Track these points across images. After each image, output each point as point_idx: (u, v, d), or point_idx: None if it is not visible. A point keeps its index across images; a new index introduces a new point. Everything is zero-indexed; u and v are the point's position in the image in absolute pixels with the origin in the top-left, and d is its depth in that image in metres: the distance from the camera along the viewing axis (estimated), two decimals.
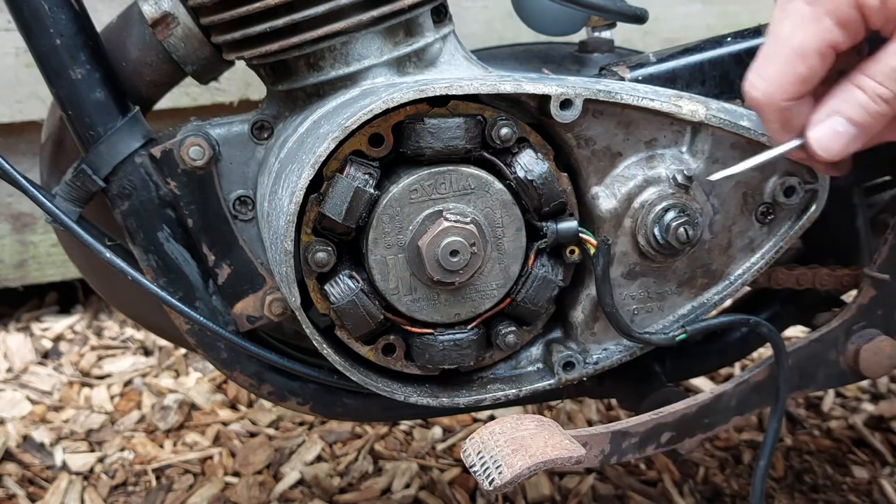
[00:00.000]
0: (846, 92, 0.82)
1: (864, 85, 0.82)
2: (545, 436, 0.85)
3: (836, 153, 0.83)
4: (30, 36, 0.99)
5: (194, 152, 1.01)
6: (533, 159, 0.94)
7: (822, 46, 0.81)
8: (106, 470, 1.64)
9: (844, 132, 0.83)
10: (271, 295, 1.06)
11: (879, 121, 0.83)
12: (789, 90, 0.83)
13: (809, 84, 0.83)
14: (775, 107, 0.84)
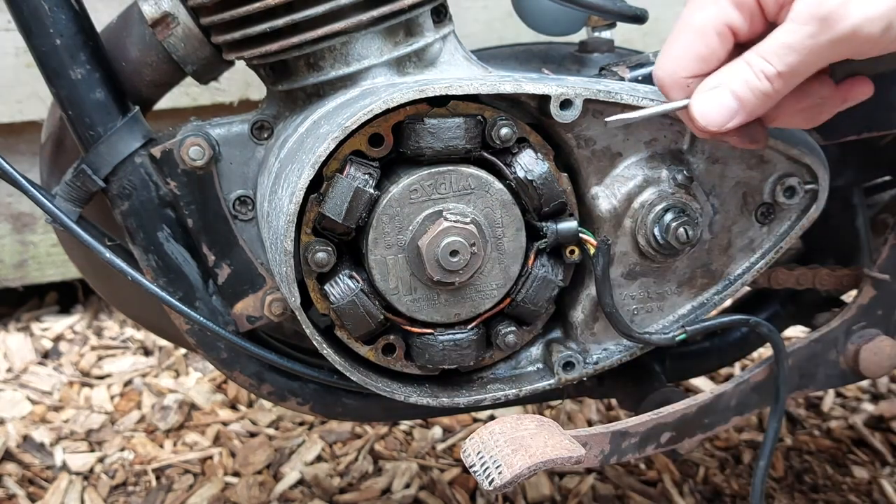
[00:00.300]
0: (735, 66, 0.85)
1: (752, 60, 0.84)
2: (545, 436, 0.85)
3: (713, 122, 0.85)
4: (30, 36, 0.99)
5: (194, 152, 1.01)
6: (533, 159, 0.94)
7: (719, 25, 0.84)
8: (106, 470, 1.64)
9: (726, 104, 0.85)
10: (271, 295, 1.06)
11: (761, 98, 0.85)
12: (689, 67, 0.86)
13: (709, 62, 0.86)
14: (678, 83, 0.87)
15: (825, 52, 0.82)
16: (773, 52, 0.83)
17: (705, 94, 0.86)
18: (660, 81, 0.89)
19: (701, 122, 0.85)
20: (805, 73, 0.84)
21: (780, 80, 0.84)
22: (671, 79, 0.88)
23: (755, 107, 0.85)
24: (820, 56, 0.82)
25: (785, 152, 1.00)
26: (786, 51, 0.82)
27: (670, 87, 0.88)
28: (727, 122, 0.85)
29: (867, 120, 1.10)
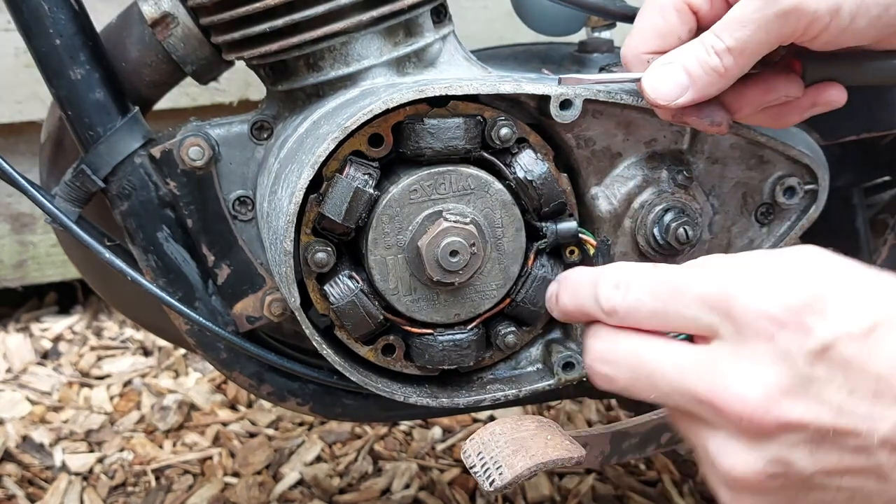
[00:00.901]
0: (690, 44, 0.87)
1: (704, 37, 0.86)
2: (545, 436, 0.85)
3: (662, 96, 0.87)
4: (29, 36, 0.99)
5: (194, 152, 1.01)
6: (533, 160, 0.94)
7: (678, 2, 0.88)
8: (105, 470, 1.64)
9: (676, 79, 0.86)
10: (271, 295, 1.06)
11: (712, 75, 0.86)
12: (649, 43, 0.89)
13: (667, 39, 0.89)
14: (638, 59, 0.90)
15: (773, 27, 0.83)
16: (724, 28, 0.85)
17: (657, 69, 0.87)
18: (624, 58, 0.92)
19: (651, 95, 0.87)
20: (755, 49, 0.85)
21: (729, 55, 0.85)
22: (633, 54, 0.90)
23: (705, 83, 0.86)
24: (768, 31, 0.83)
25: (784, 152, 1.00)
26: (735, 26, 0.84)
27: (632, 63, 0.91)
28: (677, 97, 0.87)
29: (867, 120, 1.10)
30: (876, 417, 0.65)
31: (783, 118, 0.93)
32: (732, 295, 0.68)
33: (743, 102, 0.91)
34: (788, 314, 0.66)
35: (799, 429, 0.66)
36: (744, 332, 0.67)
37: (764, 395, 0.66)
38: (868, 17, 0.84)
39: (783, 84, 0.90)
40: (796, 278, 0.68)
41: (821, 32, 0.84)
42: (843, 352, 0.65)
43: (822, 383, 0.66)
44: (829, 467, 0.67)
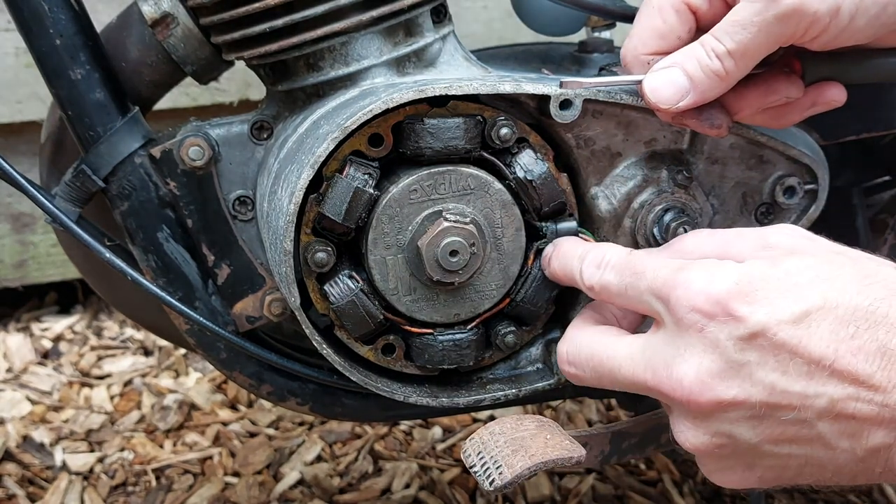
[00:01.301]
0: (690, 47, 0.87)
1: (705, 40, 0.86)
2: (545, 436, 0.85)
3: (663, 100, 0.87)
4: (29, 36, 0.99)
5: (194, 152, 1.01)
6: (532, 159, 0.94)
7: (677, 2, 0.88)
8: (106, 470, 1.64)
9: (677, 83, 0.87)
10: (271, 295, 1.06)
11: (713, 78, 0.86)
12: (649, 44, 0.89)
13: (667, 39, 0.89)
14: (639, 60, 0.90)
15: (773, 29, 0.83)
16: (724, 31, 0.85)
17: (658, 72, 0.88)
18: (624, 59, 0.92)
19: (652, 99, 0.87)
20: (756, 52, 0.85)
21: (730, 58, 0.85)
22: (632, 55, 0.90)
23: (706, 87, 0.86)
24: (768, 33, 0.84)
25: (785, 152, 1.00)
26: (735, 29, 0.84)
27: (632, 65, 0.91)
28: (678, 101, 0.87)
29: (867, 120, 1.10)
30: (810, 394, 0.72)
31: (783, 118, 0.93)
32: (671, 287, 0.76)
33: (743, 104, 0.91)
34: (716, 306, 0.73)
35: (735, 406, 0.74)
36: (679, 324, 0.75)
37: (697, 380, 0.74)
38: (867, 16, 0.84)
39: (784, 85, 0.90)
40: (732, 270, 0.75)
41: (821, 33, 0.84)
42: (773, 337, 0.72)
43: (753, 366, 0.73)
44: (773, 437, 0.74)
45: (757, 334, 0.72)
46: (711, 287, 0.74)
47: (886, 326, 0.71)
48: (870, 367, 0.71)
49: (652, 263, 0.80)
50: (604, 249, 0.86)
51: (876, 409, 0.71)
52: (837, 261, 0.76)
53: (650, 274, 0.79)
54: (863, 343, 0.71)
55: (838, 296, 0.72)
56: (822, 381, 0.72)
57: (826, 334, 0.71)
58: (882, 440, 0.72)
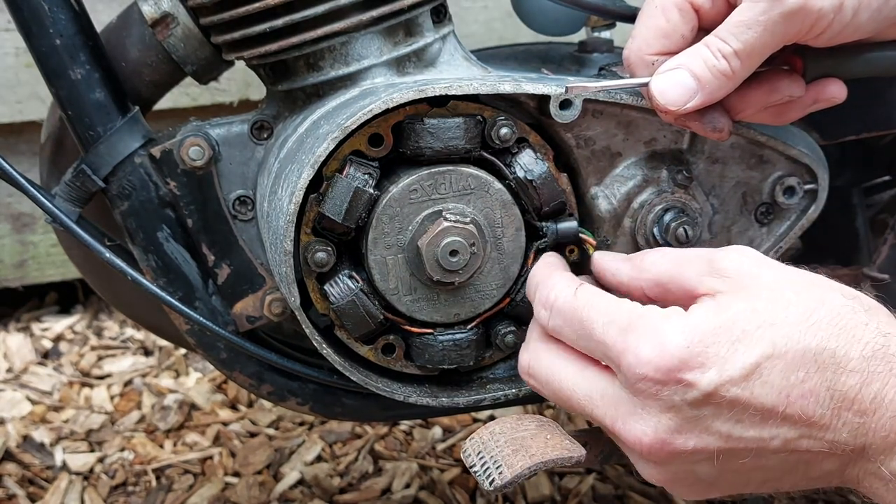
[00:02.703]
0: (695, 48, 0.87)
1: (710, 41, 0.86)
2: (545, 436, 0.85)
3: (671, 101, 0.87)
4: (29, 36, 0.99)
5: (194, 152, 1.01)
6: (532, 159, 0.94)
7: (680, 1, 0.87)
8: (106, 470, 1.64)
9: (685, 84, 0.86)
10: (271, 295, 1.06)
11: (720, 78, 0.86)
12: (653, 44, 0.89)
13: (672, 39, 0.88)
14: (643, 61, 0.90)
15: (779, 28, 0.83)
16: (729, 32, 0.85)
17: (665, 74, 0.87)
18: (627, 60, 0.91)
19: (660, 101, 0.87)
20: (761, 51, 0.85)
21: (737, 58, 0.85)
22: (636, 56, 0.90)
23: (714, 87, 0.86)
24: (774, 32, 0.84)
25: (784, 152, 1.00)
26: (741, 29, 0.84)
27: (636, 65, 0.91)
28: (686, 102, 0.87)
29: (867, 120, 1.10)
30: (765, 437, 0.74)
31: (784, 115, 0.93)
32: (620, 352, 0.76)
33: (746, 104, 0.91)
34: (668, 375, 0.73)
35: (694, 454, 0.76)
36: (633, 388, 0.76)
37: (656, 438, 0.75)
38: (869, 10, 0.84)
39: (785, 84, 0.90)
40: (679, 332, 0.74)
41: (825, 29, 0.84)
42: (727, 394, 0.73)
43: (709, 419, 0.74)
44: (732, 469, 0.77)
45: (711, 395, 0.73)
46: (661, 357, 0.74)
47: (833, 367, 0.73)
48: (820, 409, 0.73)
49: (599, 317, 0.79)
50: (550, 289, 0.84)
51: (826, 446, 0.74)
52: (782, 299, 0.76)
53: (598, 332, 0.78)
54: (813, 386, 0.73)
55: (786, 341, 0.74)
56: (775, 426, 0.74)
57: (777, 381, 0.73)
58: (833, 466, 0.76)
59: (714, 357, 0.73)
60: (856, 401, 0.73)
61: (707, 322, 0.75)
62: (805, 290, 0.77)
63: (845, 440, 0.73)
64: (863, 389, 0.73)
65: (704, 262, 0.80)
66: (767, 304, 0.75)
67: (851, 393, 0.73)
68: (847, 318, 0.75)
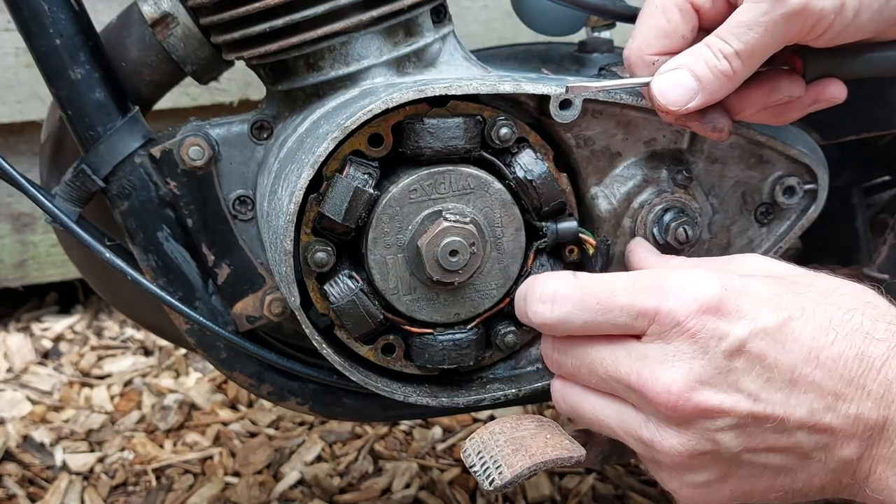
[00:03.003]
0: (696, 48, 0.87)
1: (711, 41, 0.86)
2: (545, 436, 0.85)
3: (672, 101, 0.87)
4: (29, 36, 0.99)
5: (194, 152, 1.01)
6: (532, 159, 0.94)
7: (680, 1, 0.88)
8: (106, 470, 1.64)
9: (686, 84, 0.87)
10: (271, 295, 1.06)
11: (721, 79, 0.86)
12: (654, 44, 0.89)
13: (672, 39, 0.89)
14: (643, 61, 0.90)
15: (780, 29, 0.84)
16: (730, 32, 0.85)
17: (666, 74, 0.88)
18: (627, 60, 0.92)
19: (661, 101, 0.87)
20: (763, 51, 0.85)
21: (738, 59, 0.85)
22: (637, 56, 0.90)
23: (715, 88, 0.87)
24: (775, 33, 0.84)
25: (784, 152, 1.00)
26: (742, 29, 0.84)
27: (637, 65, 0.91)
28: (687, 102, 0.87)
29: (867, 120, 1.11)
30: (792, 403, 0.74)
31: (784, 115, 0.94)
32: (657, 304, 0.76)
33: (746, 104, 0.91)
34: (708, 318, 0.74)
35: (720, 414, 0.75)
36: (669, 334, 0.76)
37: (685, 386, 0.75)
38: (870, 11, 0.84)
39: (785, 84, 0.91)
40: (715, 277, 0.76)
41: (826, 30, 0.84)
42: (758, 346, 0.74)
43: (739, 374, 0.74)
44: (753, 446, 0.76)
45: (744, 342, 0.74)
46: (701, 296, 0.75)
47: (862, 335, 0.74)
48: (847, 374, 0.73)
49: (619, 283, 0.79)
50: (547, 283, 0.83)
51: (850, 420, 0.74)
52: (806, 280, 0.79)
53: (622, 297, 0.78)
54: (841, 350, 0.74)
55: (814, 307, 0.75)
56: (802, 391, 0.74)
57: (808, 340, 0.74)
58: (852, 452, 0.75)
59: (749, 308, 0.75)
60: (882, 369, 0.73)
61: (741, 280, 0.77)
62: (825, 276, 0.80)
63: (868, 414, 0.73)
64: (890, 359, 0.73)
65: (725, 261, 0.84)
66: (793, 281, 0.78)
67: (878, 362, 0.73)
68: (870, 297, 0.77)
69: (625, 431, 0.81)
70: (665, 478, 0.81)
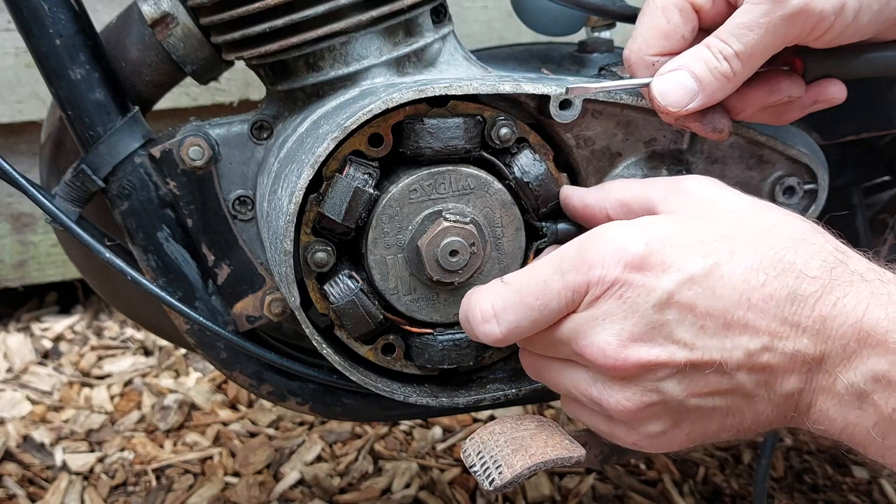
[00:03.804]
0: (696, 49, 0.87)
1: (711, 42, 0.86)
2: (545, 436, 0.85)
3: (673, 103, 0.88)
4: (29, 36, 0.99)
5: (194, 152, 1.01)
6: (532, 159, 0.94)
7: (680, 1, 0.88)
8: (106, 470, 1.64)
9: (686, 85, 0.87)
10: (271, 295, 1.06)
11: (721, 80, 0.87)
12: (654, 45, 0.89)
13: (672, 39, 0.89)
14: (643, 62, 0.90)
15: (780, 30, 0.84)
16: (730, 33, 0.85)
17: (666, 75, 0.88)
18: (627, 61, 0.92)
19: (661, 102, 0.88)
20: (763, 53, 0.86)
21: (738, 60, 0.85)
22: (637, 56, 0.91)
23: (715, 89, 0.87)
24: (775, 35, 0.84)
25: (784, 152, 1.00)
26: (742, 31, 0.84)
27: (636, 66, 0.91)
28: (687, 103, 0.87)
29: (866, 120, 1.11)
30: (728, 347, 0.75)
31: (783, 115, 0.94)
32: (586, 271, 0.77)
33: (746, 104, 0.91)
34: (633, 274, 0.75)
35: (659, 367, 0.76)
36: (599, 300, 0.77)
37: (619, 345, 0.76)
38: (870, 12, 0.84)
39: (785, 84, 0.91)
40: (637, 239, 0.76)
41: (826, 31, 0.85)
42: (687, 296, 0.74)
43: (672, 326, 0.75)
44: (697, 391, 0.77)
45: (672, 293, 0.74)
46: (623, 254, 0.76)
47: (794, 274, 0.74)
48: (781, 313, 0.74)
49: (548, 269, 0.80)
50: (482, 301, 0.83)
51: (787, 357, 0.74)
52: (741, 219, 0.78)
53: (555, 281, 0.79)
54: (773, 290, 0.74)
55: (744, 250, 0.75)
56: (737, 334, 0.74)
57: (738, 283, 0.74)
58: (794, 386, 0.76)
59: (673, 258, 0.75)
60: (816, 305, 0.74)
61: (665, 228, 0.77)
62: (765, 212, 0.80)
63: (805, 348, 0.74)
64: (824, 295, 0.74)
65: (668, 184, 0.83)
66: (726, 222, 0.78)
67: (812, 299, 0.74)
68: (807, 235, 0.77)
69: (579, 392, 0.82)
70: (622, 434, 0.82)
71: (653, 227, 0.78)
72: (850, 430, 0.76)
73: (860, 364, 0.73)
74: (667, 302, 0.75)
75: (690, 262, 0.75)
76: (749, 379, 0.76)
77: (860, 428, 0.75)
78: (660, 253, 0.75)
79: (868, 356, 0.72)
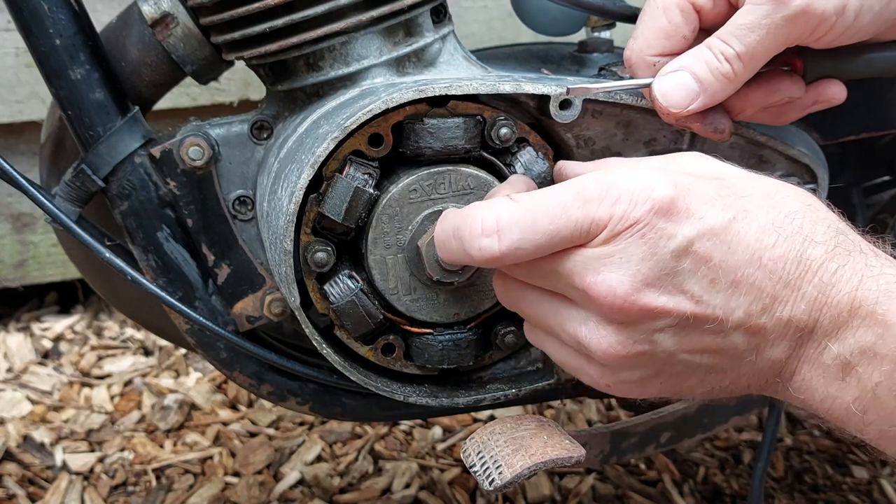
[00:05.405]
0: (697, 50, 0.87)
1: (712, 43, 0.86)
2: (545, 436, 0.85)
3: (674, 104, 0.87)
4: (29, 36, 0.99)
5: (194, 152, 1.01)
6: (532, 159, 0.94)
7: (682, 2, 0.88)
8: (106, 470, 1.64)
9: (687, 86, 0.87)
10: (271, 295, 1.06)
11: (722, 81, 0.86)
12: (655, 45, 0.89)
13: (673, 40, 0.89)
14: (644, 62, 0.90)
15: (781, 31, 0.84)
16: (732, 34, 0.85)
17: (667, 76, 0.88)
18: (628, 61, 0.92)
19: (663, 103, 0.88)
20: (764, 53, 0.86)
21: (739, 61, 0.85)
22: (638, 57, 0.90)
23: (716, 89, 0.87)
24: (776, 36, 0.84)
25: (784, 152, 1.00)
26: (744, 32, 0.85)
27: (638, 66, 0.91)
28: (689, 104, 0.87)
29: (866, 120, 1.11)
30: (731, 306, 0.74)
31: (783, 116, 0.94)
32: (610, 208, 0.74)
33: (746, 104, 0.91)
34: (658, 218, 0.74)
35: (662, 315, 0.75)
36: (618, 237, 0.74)
37: (631, 287, 0.74)
38: (871, 13, 0.85)
39: (786, 85, 0.91)
40: (667, 182, 0.75)
41: (827, 32, 0.85)
42: (705, 247, 0.73)
43: (685, 275, 0.74)
44: (689, 347, 0.76)
45: (692, 242, 0.73)
46: (654, 194, 0.74)
47: (802, 238, 0.74)
48: (786, 276, 0.73)
49: (567, 196, 0.76)
50: (486, 213, 0.77)
51: (782, 323, 0.74)
52: (747, 183, 0.78)
53: (575, 208, 0.75)
54: (782, 252, 0.73)
55: (756, 208, 0.75)
56: (742, 294, 0.74)
57: (752, 242, 0.73)
58: (781, 353, 0.76)
59: (696, 206, 0.74)
60: (819, 272, 0.73)
61: (686, 177, 0.76)
62: (763, 179, 0.79)
63: (799, 316, 0.73)
64: (826, 262, 0.73)
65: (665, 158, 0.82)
66: (733, 184, 0.77)
67: (815, 265, 0.73)
68: (811, 201, 0.77)
69: (562, 328, 0.80)
70: (595, 375, 0.80)
71: (678, 175, 0.76)
72: (829, 402, 0.75)
73: (849, 335, 0.73)
74: (685, 250, 0.73)
75: (711, 213, 0.74)
76: (742, 340, 0.75)
77: (840, 402, 0.74)
78: (685, 199, 0.74)
79: (857, 327, 0.72)
